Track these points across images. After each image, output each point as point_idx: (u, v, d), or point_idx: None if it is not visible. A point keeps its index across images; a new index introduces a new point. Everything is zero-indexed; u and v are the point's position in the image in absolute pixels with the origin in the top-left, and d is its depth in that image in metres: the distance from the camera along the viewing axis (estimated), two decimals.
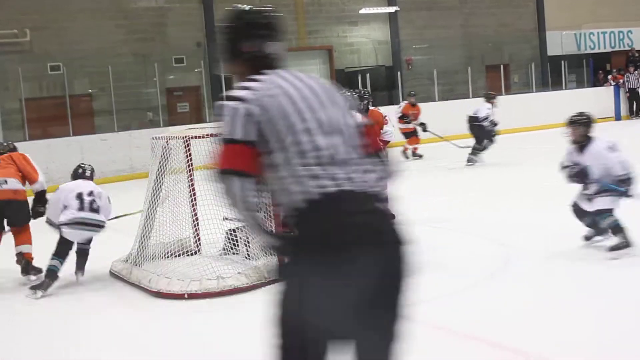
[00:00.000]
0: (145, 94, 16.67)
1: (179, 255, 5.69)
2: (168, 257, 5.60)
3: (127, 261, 5.73)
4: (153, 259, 5.53)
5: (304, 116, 2.09)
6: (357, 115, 2.31)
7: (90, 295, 5.26)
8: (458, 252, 5.60)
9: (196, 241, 6.00)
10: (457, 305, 4.24)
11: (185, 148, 5.70)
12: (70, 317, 4.72)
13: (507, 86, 19.87)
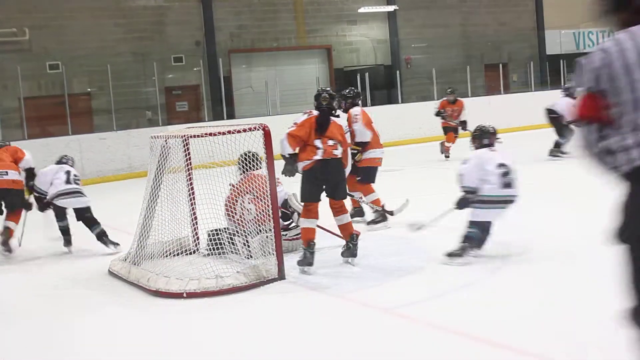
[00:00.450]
0: (144, 92, 16.68)
1: (177, 255, 5.69)
2: (167, 256, 5.60)
3: (125, 260, 5.73)
4: (152, 258, 5.52)
5: None
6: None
7: (89, 294, 5.26)
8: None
9: (195, 240, 6.01)
10: (457, 305, 4.23)
11: (184, 147, 5.71)
12: (69, 316, 4.72)
13: (506, 85, 19.90)
